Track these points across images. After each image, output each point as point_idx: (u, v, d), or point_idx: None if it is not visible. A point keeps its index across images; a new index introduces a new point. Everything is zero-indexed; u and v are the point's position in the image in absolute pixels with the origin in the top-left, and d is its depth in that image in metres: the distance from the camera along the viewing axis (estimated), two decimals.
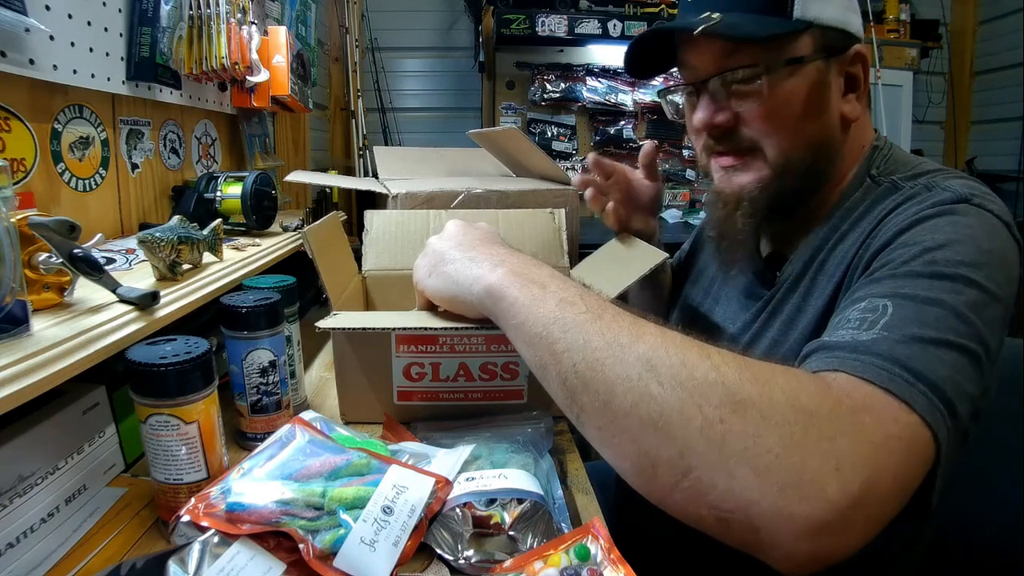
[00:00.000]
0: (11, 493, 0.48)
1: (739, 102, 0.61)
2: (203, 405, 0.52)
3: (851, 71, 0.61)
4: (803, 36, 0.58)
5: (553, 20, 2.49)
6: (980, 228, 0.50)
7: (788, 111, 0.59)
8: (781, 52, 0.58)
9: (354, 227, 1.88)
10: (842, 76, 0.61)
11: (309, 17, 1.71)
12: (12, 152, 0.74)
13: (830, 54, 0.60)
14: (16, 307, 0.47)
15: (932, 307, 0.44)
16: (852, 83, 0.62)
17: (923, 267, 0.47)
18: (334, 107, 2.80)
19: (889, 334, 0.43)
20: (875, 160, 0.63)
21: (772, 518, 0.35)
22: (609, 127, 2.77)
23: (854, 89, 0.62)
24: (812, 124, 0.60)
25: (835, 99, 0.61)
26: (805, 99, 0.59)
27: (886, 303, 0.45)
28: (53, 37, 0.77)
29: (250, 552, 0.45)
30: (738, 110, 0.61)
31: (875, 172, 0.62)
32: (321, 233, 0.77)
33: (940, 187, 0.54)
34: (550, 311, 0.45)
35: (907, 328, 0.43)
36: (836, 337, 0.45)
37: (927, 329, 0.43)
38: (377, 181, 1.09)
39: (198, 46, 1.02)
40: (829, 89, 0.60)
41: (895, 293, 0.46)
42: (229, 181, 1.03)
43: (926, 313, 0.44)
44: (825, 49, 0.59)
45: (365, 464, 0.54)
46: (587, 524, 0.50)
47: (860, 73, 0.61)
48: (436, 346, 0.70)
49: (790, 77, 0.59)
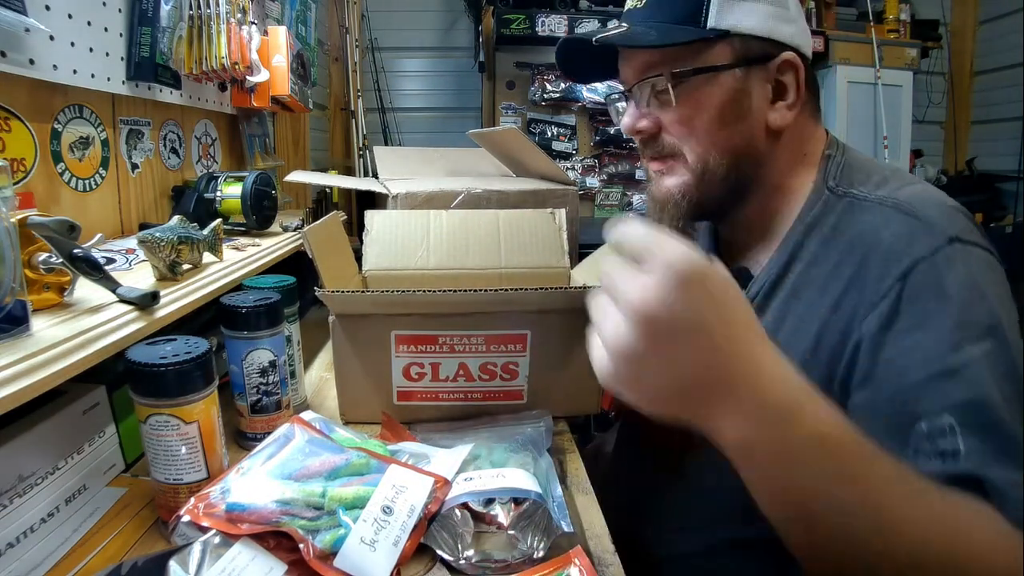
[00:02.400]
0: (11, 493, 0.48)
1: (659, 109, 0.63)
2: (203, 405, 0.52)
3: (781, 79, 0.61)
4: (717, 45, 0.59)
5: (553, 20, 2.49)
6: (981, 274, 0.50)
7: (702, 118, 0.60)
8: (693, 61, 0.60)
9: (354, 227, 1.88)
10: (769, 84, 0.61)
11: (309, 17, 1.71)
12: (12, 152, 0.74)
13: (751, 63, 0.60)
14: (16, 307, 0.47)
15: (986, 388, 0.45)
16: (781, 91, 0.61)
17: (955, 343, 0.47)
18: (334, 107, 2.80)
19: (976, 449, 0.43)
20: (829, 171, 0.63)
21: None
22: (609, 127, 2.76)
23: (783, 97, 0.61)
24: (729, 131, 0.61)
25: (758, 107, 0.61)
26: (719, 106, 0.60)
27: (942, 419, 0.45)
28: (53, 37, 0.77)
29: (251, 552, 0.45)
30: (659, 117, 0.63)
31: (832, 184, 0.61)
32: (321, 233, 0.77)
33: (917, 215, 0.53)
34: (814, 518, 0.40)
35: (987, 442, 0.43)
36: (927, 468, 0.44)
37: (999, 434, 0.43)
38: (377, 181, 1.09)
39: (198, 46, 1.02)
40: (749, 97, 0.60)
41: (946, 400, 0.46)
42: (229, 181, 1.03)
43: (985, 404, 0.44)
44: (745, 58, 0.60)
45: (364, 464, 0.54)
46: (568, 553, 0.49)
47: (791, 81, 0.61)
48: (436, 346, 0.70)
49: (704, 85, 0.60)
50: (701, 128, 0.61)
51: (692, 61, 0.60)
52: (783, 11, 0.60)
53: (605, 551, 0.53)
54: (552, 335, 0.71)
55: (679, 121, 0.61)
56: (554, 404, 0.74)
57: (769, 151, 0.63)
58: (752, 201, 0.65)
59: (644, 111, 0.64)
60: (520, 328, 0.71)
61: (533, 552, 0.49)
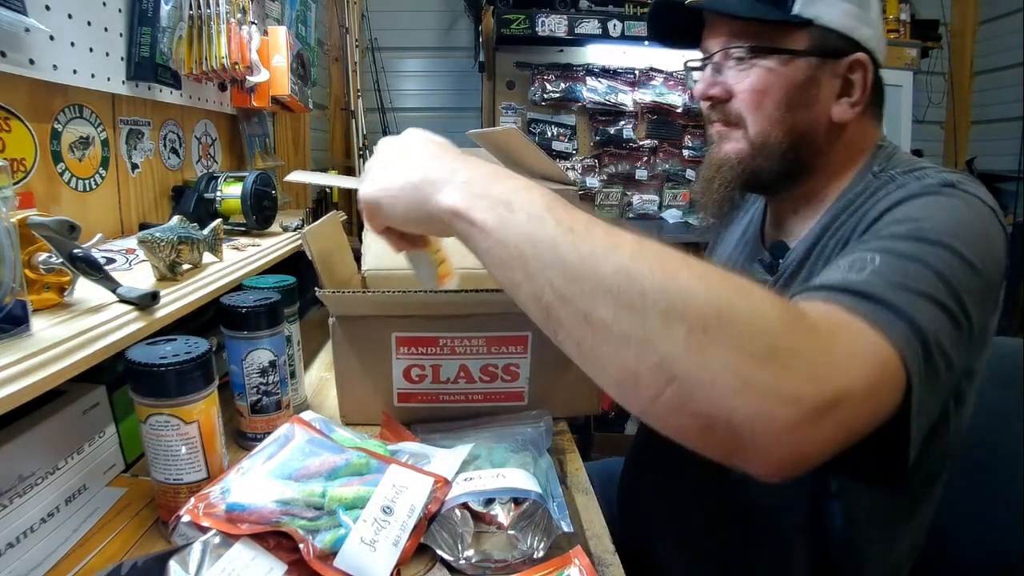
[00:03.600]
0: (11, 493, 0.48)
1: (733, 79, 0.66)
2: (203, 405, 0.52)
3: (849, 77, 0.64)
4: (799, 32, 0.62)
5: (553, 20, 2.48)
6: (966, 209, 0.52)
7: (771, 96, 0.64)
8: (773, 40, 0.63)
9: (354, 227, 1.88)
10: (838, 79, 0.64)
11: (309, 17, 1.71)
12: (12, 152, 0.74)
13: (825, 55, 0.63)
14: (16, 307, 0.47)
15: (916, 264, 0.46)
16: (848, 88, 0.64)
17: (908, 231, 0.50)
18: (334, 107, 2.80)
19: (878, 279, 0.45)
20: (878, 158, 0.66)
21: (752, 422, 0.37)
22: (609, 127, 2.76)
23: (849, 94, 0.64)
24: (793, 114, 0.64)
25: (825, 98, 0.64)
26: (788, 88, 0.63)
27: (874, 256, 0.48)
28: (53, 37, 0.77)
29: (251, 552, 0.45)
30: (731, 85, 0.66)
31: (877, 169, 0.64)
32: (321, 233, 0.77)
33: (929, 176, 0.57)
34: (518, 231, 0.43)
35: (894, 277, 0.45)
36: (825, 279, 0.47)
37: (911, 281, 0.45)
38: None
39: (198, 46, 1.02)
40: (818, 87, 0.64)
41: (883, 249, 0.49)
42: (229, 181, 1.03)
43: (911, 269, 0.46)
44: (820, 49, 0.62)
45: (364, 464, 0.54)
46: (568, 553, 0.49)
47: (858, 80, 0.63)
48: (436, 348, 0.70)
49: (779, 65, 0.63)
50: (769, 105, 0.64)
51: (773, 40, 0.63)
52: (864, 13, 0.63)
53: (605, 551, 0.53)
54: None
55: (749, 94, 0.65)
56: (554, 405, 0.74)
57: (827, 142, 0.66)
58: (802, 184, 0.69)
59: (719, 79, 0.67)
60: (521, 329, 0.71)
61: (533, 552, 0.49)
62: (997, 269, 0.50)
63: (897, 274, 0.45)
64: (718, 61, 0.67)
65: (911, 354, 0.41)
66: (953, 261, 0.47)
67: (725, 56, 0.66)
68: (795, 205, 0.71)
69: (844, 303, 0.42)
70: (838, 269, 0.48)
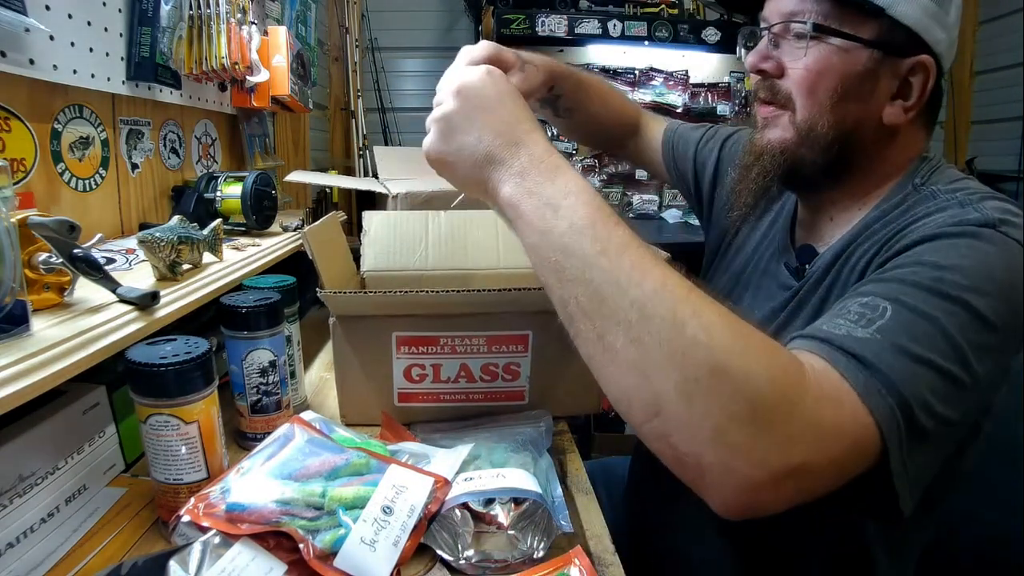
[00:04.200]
0: (11, 493, 0.48)
1: (788, 56, 0.62)
2: (203, 405, 0.52)
3: (910, 79, 0.60)
4: (868, 19, 0.58)
5: (553, 20, 2.48)
6: (998, 257, 0.49)
7: (825, 80, 0.60)
8: (841, 23, 0.59)
9: (354, 227, 1.88)
10: (897, 79, 0.60)
11: (309, 17, 1.71)
12: (12, 152, 0.74)
13: (888, 50, 0.59)
14: (16, 307, 0.47)
15: (925, 322, 0.46)
16: (905, 90, 0.60)
17: (930, 282, 0.48)
18: (334, 107, 2.80)
19: (882, 337, 0.45)
20: (921, 170, 0.62)
21: (719, 470, 0.40)
22: None
23: (905, 97, 0.60)
24: (844, 105, 0.60)
25: (880, 96, 0.60)
26: (845, 77, 0.59)
27: (887, 305, 0.47)
28: (53, 37, 0.77)
29: (251, 552, 0.45)
30: (786, 62, 0.62)
31: (919, 181, 0.61)
32: (320, 233, 0.77)
33: (973, 206, 0.53)
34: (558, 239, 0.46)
35: (898, 337, 0.45)
36: (833, 327, 0.47)
37: (915, 343, 0.45)
38: (377, 181, 1.09)
39: (198, 46, 1.02)
40: (876, 83, 0.59)
41: (897, 299, 0.47)
42: (229, 181, 1.03)
43: (918, 326, 0.46)
44: (886, 43, 0.58)
45: (364, 464, 0.54)
46: (568, 553, 0.49)
47: (918, 84, 0.59)
48: (437, 347, 0.70)
49: (839, 50, 0.59)
50: (821, 89, 0.60)
51: (839, 22, 0.59)
52: (942, 14, 0.59)
53: (605, 551, 0.53)
54: (553, 335, 0.71)
55: (804, 74, 0.61)
56: (555, 404, 0.74)
57: (874, 143, 0.62)
58: (841, 185, 0.65)
59: (773, 52, 0.63)
60: (521, 328, 0.71)
61: (533, 552, 0.49)
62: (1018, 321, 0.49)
63: (903, 334, 0.45)
64: (777, 33, 0.63)
65: (892, 427, 0.42)
66: (966, 320, 0.46)
67: (785, 29, 0.62)
68: (830, 210, 0.68)
69: (841, 366, 0.44)
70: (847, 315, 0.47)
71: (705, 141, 0.92)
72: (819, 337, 0.46)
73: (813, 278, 0.64)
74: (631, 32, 2.49)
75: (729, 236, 0.83)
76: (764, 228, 0.79)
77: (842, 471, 0.43)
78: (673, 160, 0.94)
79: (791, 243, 0.74)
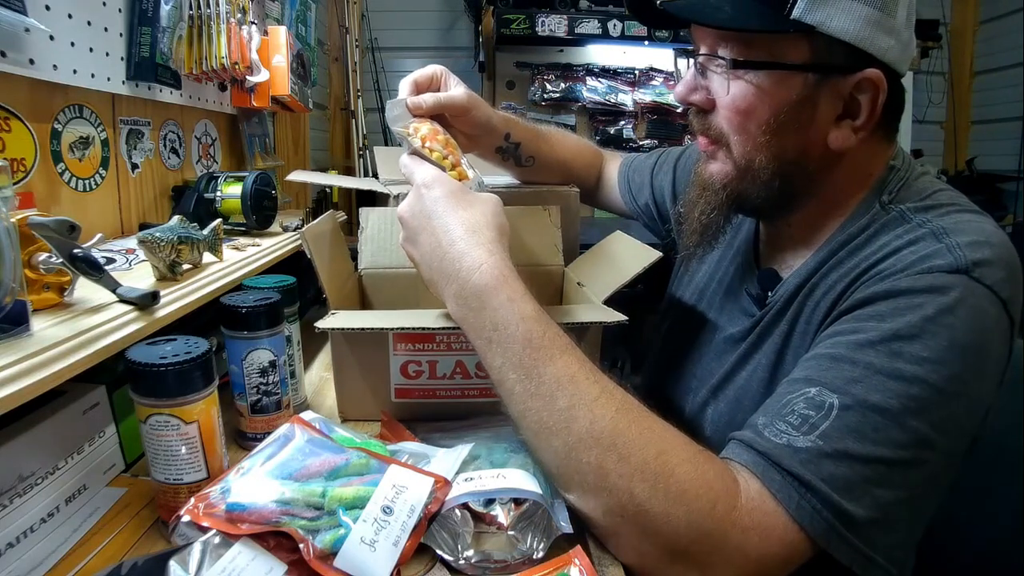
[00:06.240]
0: (11, 493, 0.48)
1: (717, 86, 0.57)
2: (203, 405, 0.52)
3: (856, 96, 0.54)
4: (797, 41, 0.52)
5: (553, 20, 2.49)
6: (964, 319, 0.46)
7: (755, 116, 0.55)
8: (766, 51, 0.53)
9: (354, 227, 1.88)
10: (841, 99, 0.54)
11: (309, 17, 1.71)
12: (12, 152, 0.74)
13: (826, 72, 0.53)
14: (16, 307, 0.47)
15: (876, 415, 0.45)
16: (853, 110, 0.54)
17: (886, 359, 0.46)
18: (334, 107, 2.80)
19: (823, 444, 0.45)
20: (889, 184, 0.58)
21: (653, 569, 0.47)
22: (609, 127, 2.77)
23: (853, 116, 0.55)
24: (780, 138, 0.55)
25: (822, 121, 0.55)
26: (777, 109, 0.54)
27: (833, 402, 0.46)
28: (53, 37, 0.77)
29: (251, 552, 0.45)
30: (715, 94, 0.58)
31: (886, 198, 0.57)
32: (319, 232, 0.77)
33: (948, 243, 0.50)
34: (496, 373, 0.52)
35: (842, 440, 0.45)
36: (773, 434, 0.47)
37: (862, 443, 0.45)
38: (377, 181, 1.09)
39: (198, 46, 1.02)
40: (814, 108, 0.54)
41: (847, 391, 0.46)
42: (229, 181, 1.03)
43: (868, 422, 0.45)
44: (822, 64, 0.53)
45: (364, 464, 0.54)
46: (568, 553, 0.49)
47: (866, 102, 0.54)
48: (433, 344, 0.70)
49: (767, 81, 0.54)
50: (752, 125, 0.55)
51: (764, 50, 0.53)
52: (886, 19, 0.51)
53: (605, 551, 0.53)
54: None
55: (731, 111, 0.56)
56: None
57: (823, 169, 0.58)
58: (799, 210, 0.62)
59: (702, 83, 0.59)
60: None
61: (533, 552, 0.49)
62: (985, 384, 0.48)
63: (847, 436, 0.45)
64: (702, 63, 0.58)
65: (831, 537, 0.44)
66: (926, 399, 0.45)
67: (709, 59, 0.57)
68: (791, 231, 0.64)
69: (775, 487, 0.45)
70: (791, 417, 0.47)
71: (659, 167, 0.92)
72: (757, 449, 0.47)
73: (775, 308, 0.62)
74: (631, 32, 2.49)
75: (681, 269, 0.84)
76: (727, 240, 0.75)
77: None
78: (630, 193, 0.94)
79: (755, 261, 0.71)
